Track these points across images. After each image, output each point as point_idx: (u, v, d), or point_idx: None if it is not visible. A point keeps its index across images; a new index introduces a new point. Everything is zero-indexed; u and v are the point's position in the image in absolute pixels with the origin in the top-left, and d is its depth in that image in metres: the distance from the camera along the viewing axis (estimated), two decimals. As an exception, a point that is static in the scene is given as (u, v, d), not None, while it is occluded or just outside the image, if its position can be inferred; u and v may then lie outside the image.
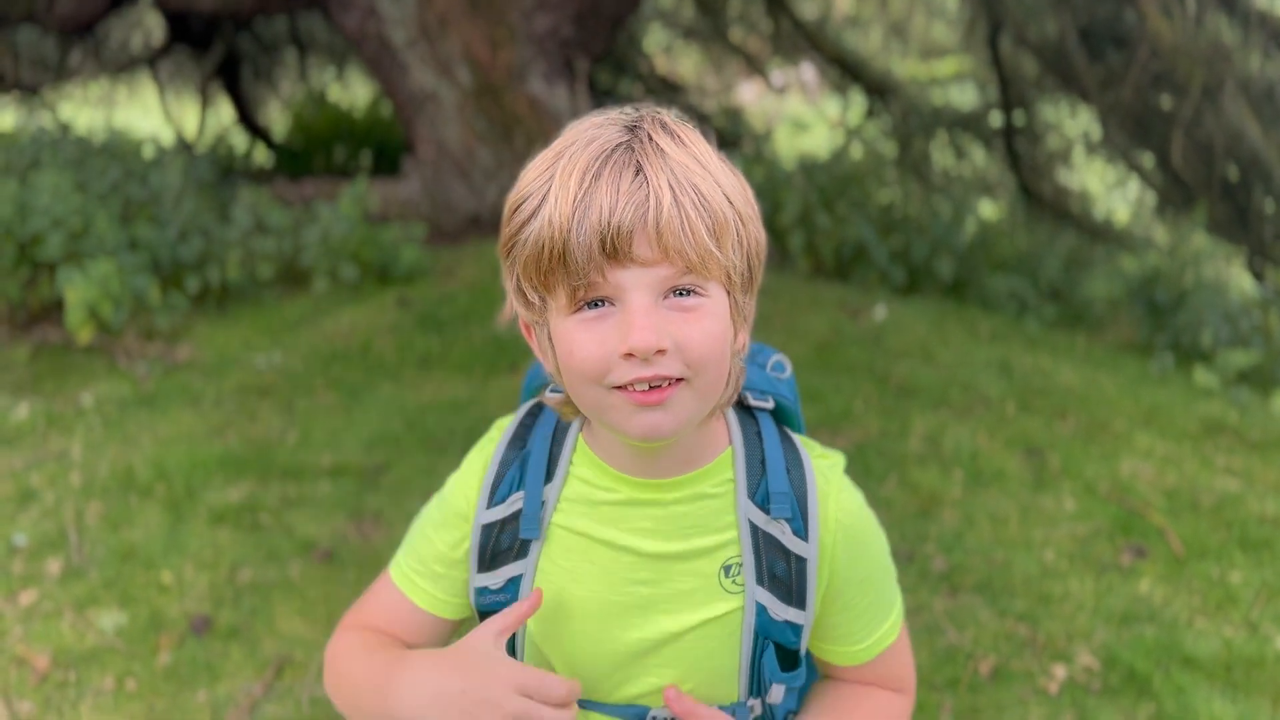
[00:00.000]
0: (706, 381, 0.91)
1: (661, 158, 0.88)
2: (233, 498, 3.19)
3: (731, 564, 1.03)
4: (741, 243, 0.92)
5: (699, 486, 1.03)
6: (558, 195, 0.87)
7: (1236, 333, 4.83)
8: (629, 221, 0.85)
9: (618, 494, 1.03)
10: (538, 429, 1.10)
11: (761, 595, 1.02)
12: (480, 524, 1.07)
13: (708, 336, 0.89)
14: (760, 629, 1.03)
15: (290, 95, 10.27)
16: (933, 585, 2.77)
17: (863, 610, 1.08)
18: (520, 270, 0.92)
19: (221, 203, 5.68)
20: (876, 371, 4.25)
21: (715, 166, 0.92)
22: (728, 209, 0.90)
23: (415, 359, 4.35)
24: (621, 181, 0.86)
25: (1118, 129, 6.12)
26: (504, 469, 1.08)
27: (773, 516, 1.02)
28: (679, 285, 0.89)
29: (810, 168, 6.43)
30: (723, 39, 9.65)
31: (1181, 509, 3.19)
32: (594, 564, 1.04)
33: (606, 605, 1.04)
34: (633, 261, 0.86)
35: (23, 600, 2.68)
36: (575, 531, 1.05)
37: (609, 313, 0.89)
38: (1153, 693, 2.34)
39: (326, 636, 2.51)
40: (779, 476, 1.04)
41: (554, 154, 0.91)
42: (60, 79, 8.47)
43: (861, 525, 1.08)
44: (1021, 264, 5.96)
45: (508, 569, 1.06)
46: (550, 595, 1.04)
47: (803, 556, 1.03)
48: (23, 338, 4.57)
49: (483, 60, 5.91)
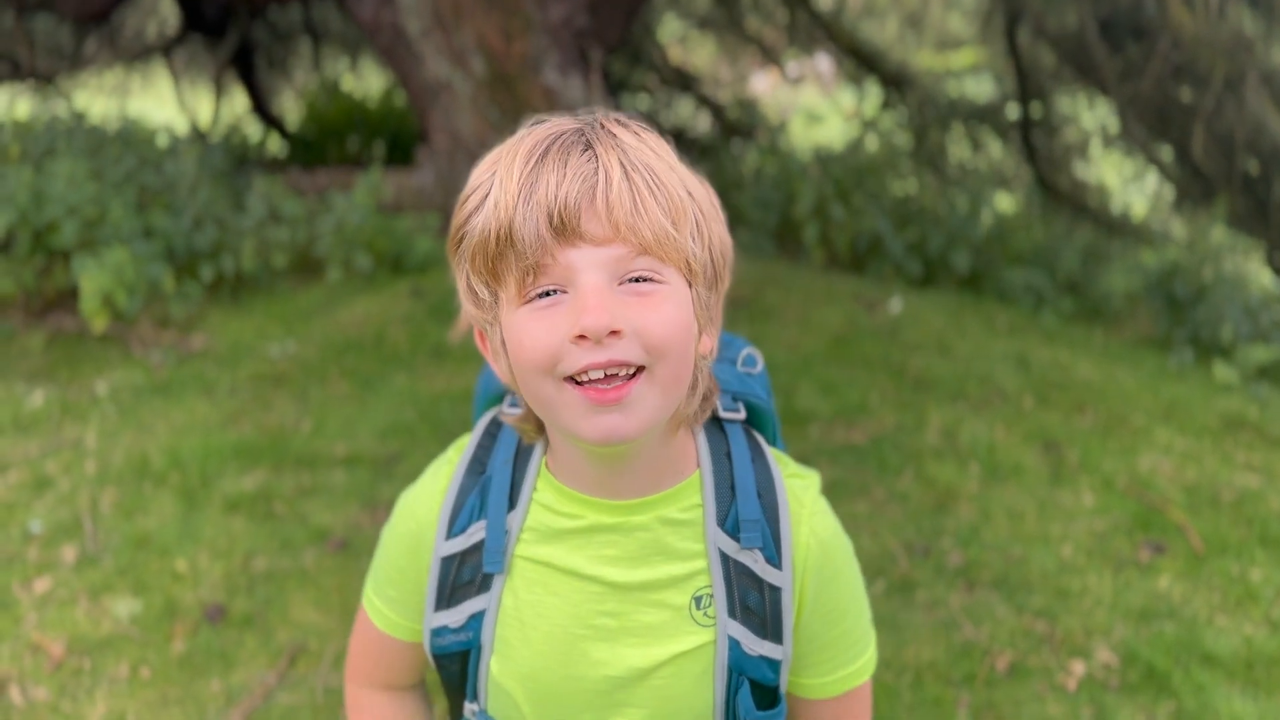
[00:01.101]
0: (668, 371, 0.84)
1: (613, 140, 0.85)
2: (247, 486, 3.19)
3: (702, 595, 0.97)
4: (703, 233, 0.88)
5: (665, 510, 0.97)
6: (503, 178, 0.84)
7: (1256, 327, 4.79)
8: (575, 195, 0.81)
9: (582, 520, 0.97)
10: (497, 451, 1.03)
11: (734, 629, 0.97)
12: (439, 556, 1.01)
13: (667, 320, 0.83)
14: (734, 664, 0.97)
15: (304, 85, 10.26)
16: (949, 580, 2.75)
17: (830, 642, 1.02)
18: (469, 264, 0.89)
19: (236, 192, 5.67)
20: (892, 364, 4.22)
21: (672, 159, 0.88)
22: (685, 196, 0.86)
23: (428, 349, 4.34)
24: (570, 158, 0.82)
25: (1136, 121, 6.06)
26: (463, 496, 1.01)
27: (743, 546, 0.96)
28: (634, 270, 0.83)
29: (825, 159, 6.40)
30: (738, 29, 9.59)
31: (1201, 505, 3.16)
32: (558, 596, 0.98)
33: (572, 639, 0.98)
34: (583, 240, 0.82)
35: (38, 587, 2.69)
36: (538, 562, 0.98)
37: (560, 300, 0.84)
38: (1172, 690, 2.32)
39: (341, 625, 2.52)
40: (750, 502, 0.98)
41: (500, 148, 0.89)
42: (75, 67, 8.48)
43: (834, 551, 1.01)
44: (1038, 257, 5.92)
45: (469, 604, 1.00)
46: (513, 632, 0.99)
47: (777, 586, 0.98)
48: (38, 325, 4.58)
49: (497, 50, 5.89)
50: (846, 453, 3.44)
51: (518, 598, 0.99)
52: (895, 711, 2.26)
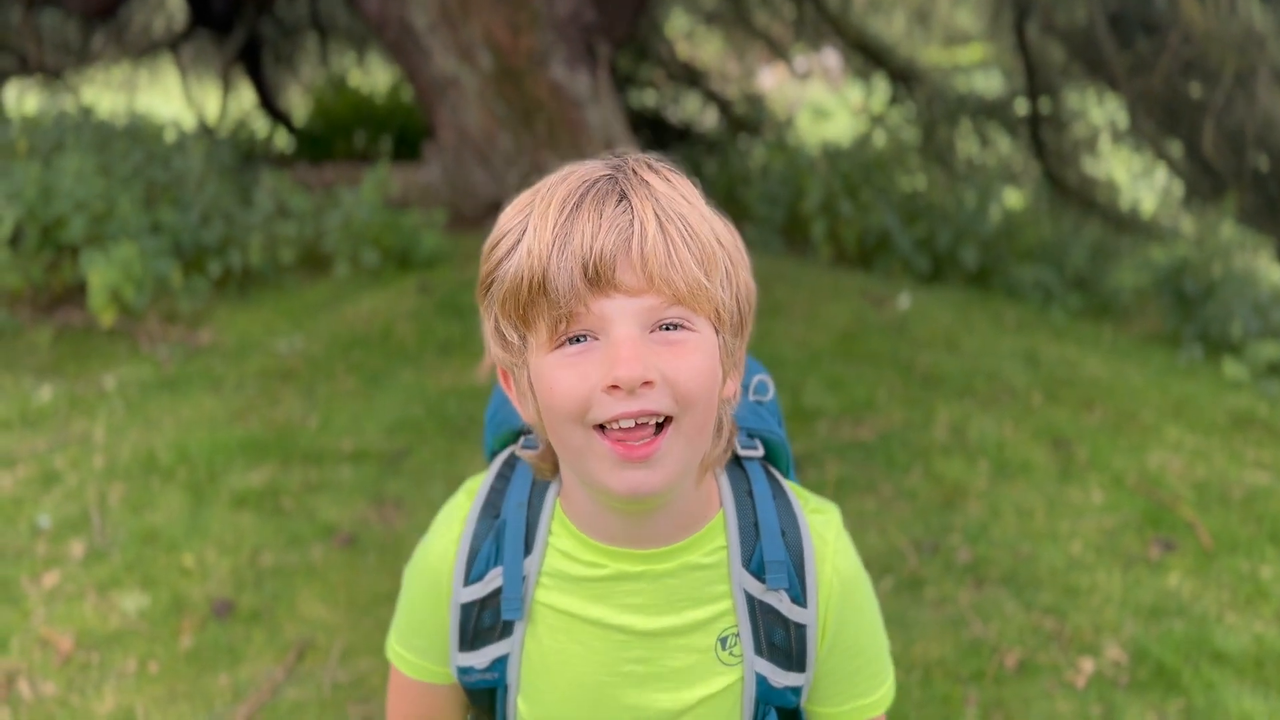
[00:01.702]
0: (695, 422, 0.85)
1: (647, 189, 0.84)
2: (254, 482, 3.19)
3: (728, 635, 0.98)
4: (731, 281, 0.88)
5: (690, 556, 0.97)
6: (536, 225, 0.83)
7: (1266, 324, 4.76)
8: (611, 247, 0.81)
9: (604, 569, 0.96)
10: (510, 494, 1.02)
11: (761, 665, 0.98)
12: (458, 603, 1.01)
13: (696, 371, 0.84)
14: (761, 697, 0.99)
15: (311, 80, 10.28)
16: (958, 577, 2.74)
17: (848, 675, 1.03)
18: (499, 308, 0.88)
19: (243, 187, 5.68)
20: (900, 361, 4.21)
21: (704, 207, 0.88)
22: (716, 245, 0.86)
23: (436, 344, 4.34)
24: (604, 207, 0.82)
25: (1146, 117, 6.03)
26: (478, 542, 1.01)
27: (770, 587, 0.97)
28: (666, 319, 0.84)
29: (833, 155, 6.39)
30: (745, 24, 9.57)
31: (1211, 502, 3.15)
32: (582, 644, 0.98)
33: (599, 686, 0.98)
34: (616, 290, 0.82)
35: (46, 582, 2.69)
36: (559, 610, 0.98)
37: (592, 347, 0.84)
38: (1182, 688, 2.31)
39: (348, 621, 2.52)
40: (774, 543, 0.98)
41: (531, 193, 0.88)
42: (83, 63, 8.50)
43: (856, 590, 1.02)
44: (1047, 253, 5.90)
45: (492, 649, 1.00)
46: (540, 676, 0.99)
47: (802, 624, 0.98)
48: (46, 320, 4.59)
49: (504, 45, 5.88)
50: (854, 449, 3.43)
51: (541, 644, 0.99)
52: (904, 708, 2.26)
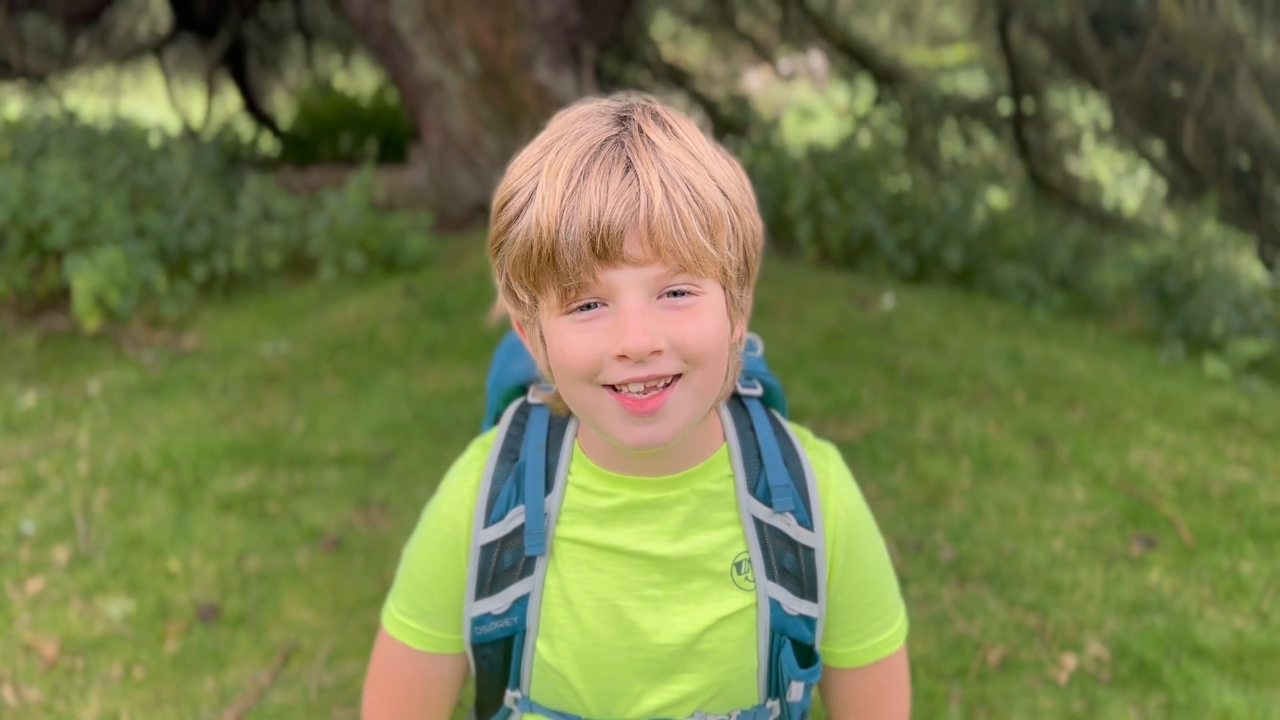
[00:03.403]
0: (705, 376, 0.89)
1: (653, 152, 0.85)
2: (240, 486, 3.19)
3: (741, 560, 1.01)
4: (738, 236, 0.90)
5: (700, 483, 1.01)
6: (544, 195, 0.85)
7: (1247, 322, 4.80)
8: (619, 221, 0.82)
9: (618, 498, 1.00)
10: (528, 438, 1.05)
11: (774, 590, 1.01)
12: (479, 544, 1.02)
13: (705, 332, 0.87)
14: (775, 625, 1.01)
15: (296, 83, 10.26)
16: (941, 575, 2.76)
17: (861, 610, 1.06)
18: (509, 269, 0.90)
19: (228, 191, 5.67)
20: (884, 360, 4.23)
21: (709, 157, 0.89)
22: (722, 203, 0.87)
23: (422, 347, 4.34)
24: (611, 179, 0.83)
25: (1128, 116, 6.07)
26: (498, 484, 1.03)
27: (776, 510, 1.01)
28: (673, 285, 0.86)
29: (818, 156, 6.40)
30: (730, 26, 9.60)
31: (1191, 499, 3.18)
32: (603, 572, 1.01)
33: (621, 612, 1.01)
34: (624, 261, 0.84)
35: (30, 588, 2.69)
36: (581, 542, 1.01)
37: (602, 313, 0.86)
38: (1163, 683, 2.33)
39: (334, 624, 2.52)
40: (778, 469, 1.02)
41: (540, 148, 0.89)
42: (66, 67, 8.47)
43: (861, 521, 1.07)
44: (1030, 252, 5.93)
45: (513, 589, 1.02)
46: (561, 611, 1.01)
47: (810, 547, 1.02)
48: (30, 325, 4.57)
49: (489, 47, 5.88)
50: (839, 448, 3.44)
51: (562, 578, 1.02)
52: (887, 706, 2.27)
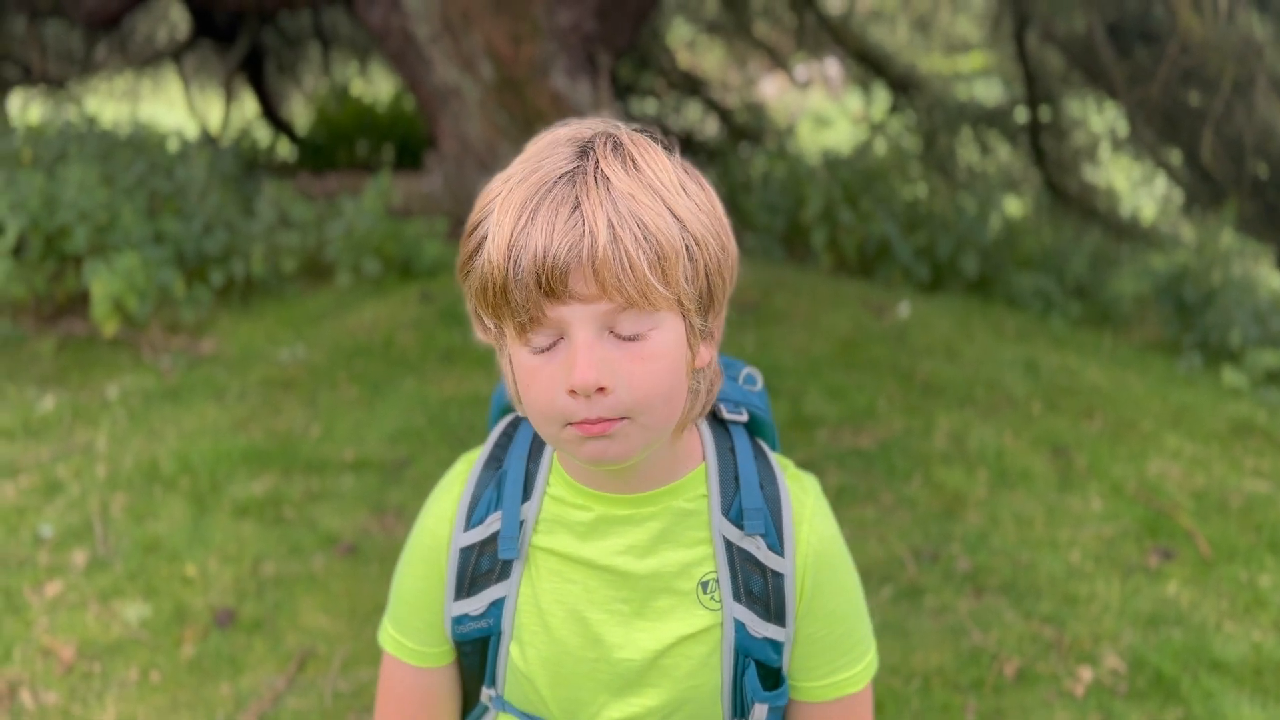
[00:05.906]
0: (653, 419, 0.90)
1: (605, 188, 0.85)
2: (256, 491, 3.20)
3: (708, 580, 1.02)
4: (697, 266, 0.89)
5: (672, 501, 1.02)
6: (495, 233, 0.86)
7: (1266, 332, 4.77)
8: (564, 260, 0.83)
9: (591, 512, 1.02)
10: (513, 449, 1.08)
11: (739, 611, 1.01)
12: (458, 547, 1.05)
13: (651, 376, 0.87)
14: (740, 647, 1.02)
15: (314, 89, 10.30)
16: (957, 586, 2.75)
17: (829, 644, 1.05)
18: (474, 299, 0.92)
19: (245, 196, 5.70)
20: (900, 369, 4.22)
21: (670, 189, 0.88)
22: (676, 237, 0.86)
23: (437, 353, 4.35)
24: (557, 219, 0.84)
25: (1145, 125, 6.04)
26: (480, 489, 1.06)
27: (747, 533, 1.01)
28: (622, 322, 0.87)
29: (833, 163, 6.40)
30: (746, 33, 9.60)
31: (1209, 510, 3.16)
32: (575, 584, 1.03)
33: (588, 624, 1.02)
34: (572, 298, 0.85)
35: (49, 591, 2.70)
36: (556, 553, 1.03)
37: (559, 348, 0.88)
38: (1180, 696, 2.31)
39: (349, 630, 2.53)
40: (753, 492, 1.02)
41: (503, 179, 0.90)
42: (86, 72, 8.53)
43: (835, 554, 1.06)
44: (1047, 261, 5.91)
45: (489, 592, 1.04)
46: (533, 618, 1.04)
47: (779, 572, 1.02)
48: (49, 330, 4.60)
49: (505, 55, 5.90)
50: (854, 457, 3.44)
51: (535, 586, 1.04)
52: (903, 717, 2.26)
